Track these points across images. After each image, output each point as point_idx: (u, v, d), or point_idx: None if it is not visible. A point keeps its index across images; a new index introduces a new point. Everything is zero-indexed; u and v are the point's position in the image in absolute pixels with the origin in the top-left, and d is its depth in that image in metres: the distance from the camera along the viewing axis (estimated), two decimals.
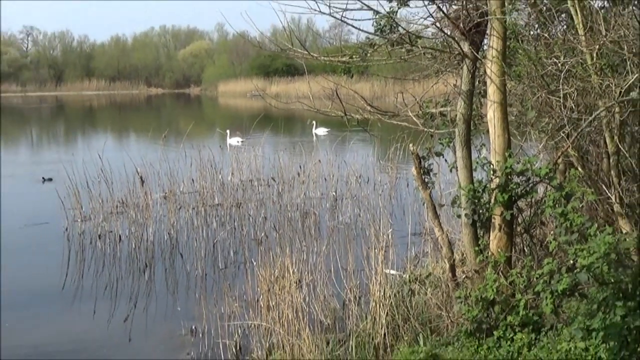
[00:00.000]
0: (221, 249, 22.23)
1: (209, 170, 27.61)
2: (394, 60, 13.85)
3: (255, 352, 13.42)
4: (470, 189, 11.80)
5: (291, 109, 49.55)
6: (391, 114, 13.91)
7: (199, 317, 15.75)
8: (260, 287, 15.07)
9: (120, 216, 24.93)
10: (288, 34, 14.89)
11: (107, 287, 19.36)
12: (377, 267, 13.85)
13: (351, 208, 25.48)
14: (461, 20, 11.78)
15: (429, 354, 11.16)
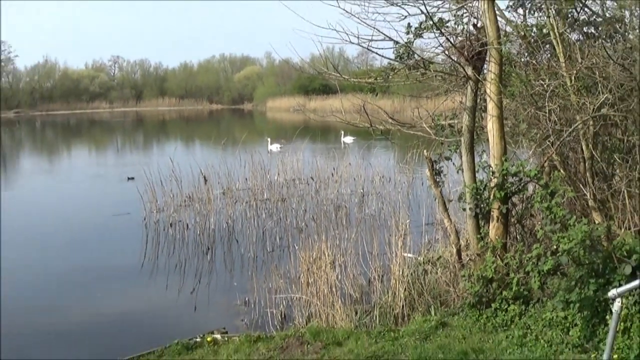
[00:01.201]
0: (269, 235, 22.19)
1: (259, 171, 27.64)
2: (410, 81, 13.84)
3: (297, 320, 13.39)
4: (474, 187, 11.77)
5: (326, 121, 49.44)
6: (409, 125, 13.89)
7: (251, 290, 15.74)
8: (300, 267, 15.02)
9: (187, 208, 25.01)
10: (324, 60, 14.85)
11: (177, 265, 19.39)
12: (397, 251, 13.78)
13: (375, 202, 25.41)
14: (465, 49, 11.73)
15: (438, 322, 11.11)
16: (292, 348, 10.79)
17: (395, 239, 14.32)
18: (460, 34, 12.15)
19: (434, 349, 9.94)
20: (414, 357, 9.75)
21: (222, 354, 10.93)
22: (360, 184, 27.93)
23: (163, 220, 24.14)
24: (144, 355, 11.32)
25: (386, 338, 10.76)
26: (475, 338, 10.28)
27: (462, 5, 12.25)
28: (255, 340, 11.40)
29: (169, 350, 11.40)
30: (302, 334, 11.33)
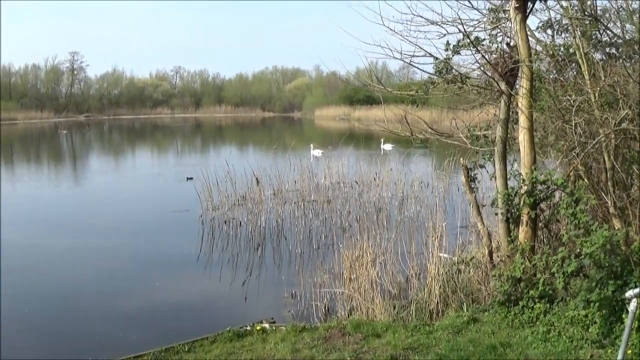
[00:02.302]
0: (315, 234, 22.23)
1: (307, 174, 27.69)
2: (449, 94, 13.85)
3: (339, 312, 13.45)
4: (505, 193, 11.78)
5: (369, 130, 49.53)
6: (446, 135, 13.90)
7: (297, 284, 15.79)
8: (344, 264, 15.08)
9: (240, 207, 25.15)
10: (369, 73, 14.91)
11: (229, 259, 19.52)
12: (433, 251, 13.79)
13: (414, 206, 25.34)
14: (499, 66, 11.75)
15: (470, 318, 11.12)
16: (335, 338, 10.85)
17: (431, 240, 14.33)
18: (494, 51, 12.15)
19: (465, 342, 9.96)
20: (446, 349, 9.77)
21: (270, 341, 11.02)
22: (400, 188, 27.87)
23: (218, 218, 24.30)
24: (198, 341, 11.42)
25: (421, 331, 10.79)
26: (504, 333, 10.29)
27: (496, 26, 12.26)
28: (301, 330, 11.47)
29: (221, 336, 11.51)
30: (344, 325, 11.39)
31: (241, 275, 17.87)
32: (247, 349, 10.77)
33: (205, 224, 23.86)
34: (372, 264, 14.33)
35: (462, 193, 23.31)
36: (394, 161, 31.51)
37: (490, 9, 12.44)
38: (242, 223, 23.64)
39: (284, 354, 10.28)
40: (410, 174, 29.36)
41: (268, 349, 10.65)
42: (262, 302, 15.48)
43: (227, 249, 20.84)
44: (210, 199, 25.43)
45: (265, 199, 25.74)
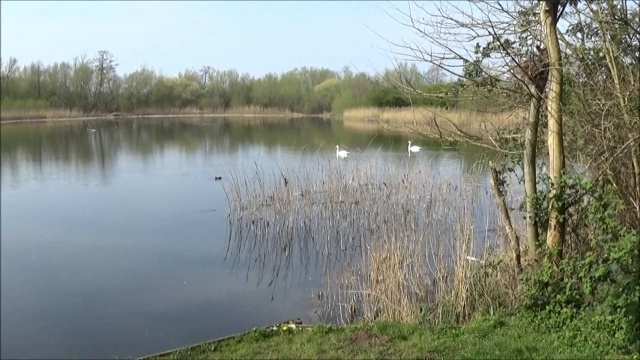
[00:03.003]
0: (342, 235, 22.26)
1: (335, 175, 27.74)
2: (478, 97, 13.85)
3: (366, 314, 13.48)
4: (534, 197, 11.78)
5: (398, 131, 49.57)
6: (476, 137, 13.90)
7: (324, 285, 15.88)
8: (371, 265, 15.12)
9: (268, 207, 25.27)
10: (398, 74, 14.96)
11: (257, 259, 19.60)
12: (461, 254, 13.75)
13: (442, 208, 25.30)
14: (529, 69, 11.74)
15: (497, 321, 11.13)
16: (361, 340, 10.91)
17: (459, 243, 14.31)
18: (524, 54, 12.16)
19: (492, 346, 9.99)
20: (472, 353, 9.80)
21: (296, 342, 11.09)
22: (429, 191, 27.88)
23: (246, 218, 24.45)
24: (225, 340, 11.51)
25: (448, 334, 10.83)
26: (530, 337, 10.30)
27: (526, 29, 12.26)
28: (327, 331, 11.54)
29: (247, 336, 11.59)
30: (371, 327, 11.45)
31: (268, 275, 17.94)
32: (273, 349, 10.84)
33: (233, 223, 24.01)
34: (400, 266, 14.35)
35: (490, 196, 23.25)
36: (423, 163, 31.47)
37: (520, 11, 12.44)
38: (269, 223, 23.76)
39: (309, 355, 10.34)
40: (438, 177, 29.31)
41: (294, 350, 10.71)
42: (289, 303, 15.52)
43: (255, 249, 20.93)
44: (239, 198, 25.57)
45: (293, 200, 25.83)
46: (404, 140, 45.59)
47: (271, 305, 15.38)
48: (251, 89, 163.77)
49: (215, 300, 15.83)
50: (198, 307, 15.30)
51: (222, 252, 20.38)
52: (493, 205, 20.63)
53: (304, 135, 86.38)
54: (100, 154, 63.45)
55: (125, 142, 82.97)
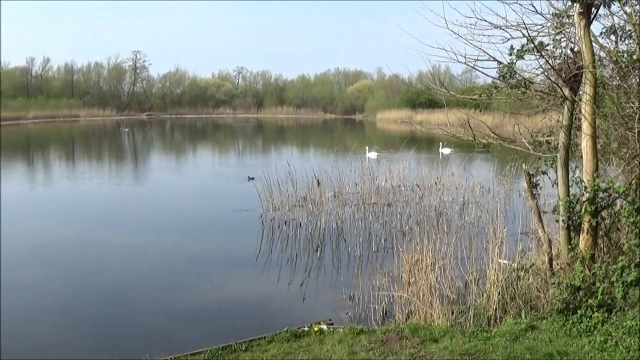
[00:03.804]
0: (375, 236, 22.28)
1: (368, 177, 27.78)
2: (512, 99, 13.85)
3: (397, 316, 13.52)
4: (567, 200, 11.76)
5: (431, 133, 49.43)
6: (509, 140, 13.88)
7: (356, 286, 15.93)
8: (403, 267, 15.16)
9: (301, 208, 25.39)
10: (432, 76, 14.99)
11: (288, 260, 19.73)
12: (493, 257, 13.78)
13: (475, 211, 25.27)
14: (563, 71, 11.73)
15: (528, 325, 11.12)
16: (392, 342, 10.95)
17: (492, 246, 14.33)
18: (558, 57, 12.14)
19: (523, 350, 9.99)
20: (503, 356, 9.80)
21: (327, 343, 11.16)
22: (461, 193, 27.84)
23: (278, 218, 24.60)
24: (256, 340, 11.59)
25: (479, 337, 10.83)
26: (561, 341, 10.28)
27: (560, 31, 12.24)
28: (358, 332, 11.59)
29: (278, 336, 11.68)
30: (402, 329, 11.48)
31: (300, 276, 18.04)
32: (304, 350, 10.91)
33: (265, 224, 24.16)
34: (432, 269, 14.38)
35: (523, 199, 23.17)
36: (455, 165, 31.41)
37: (554, 13, 12.39)
38: (302, 224, 23.91)
39: (340, 356, 10.40)
40: (471, 179, 29.26)
41: (325, 351, 10.77)
42: (320, 304, 15.61)
43: (287, 249, 21.07)
44: (271, 199, 25.72)
45: (326, 201, 25.92)
46: (437, 142, 45.51)
47: (302, 305, 15.49)
48: (284, 90, 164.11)
49: (247, 300, 15.94)
50: (229, 306, 15.45)
51: (254, 252, 20.52)
52: (526, 208, 20.57)
53: (336, 136, 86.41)
54: (133, 154, 63.92)
55: (158, 141, 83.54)
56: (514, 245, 15.95)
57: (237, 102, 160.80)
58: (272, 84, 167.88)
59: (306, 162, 30.97)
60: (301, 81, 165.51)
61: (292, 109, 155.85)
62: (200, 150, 68.16)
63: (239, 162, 51.86)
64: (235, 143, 78.55)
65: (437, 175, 28.83)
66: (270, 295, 16.48)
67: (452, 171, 29.57)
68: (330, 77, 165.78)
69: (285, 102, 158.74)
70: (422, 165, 31.93)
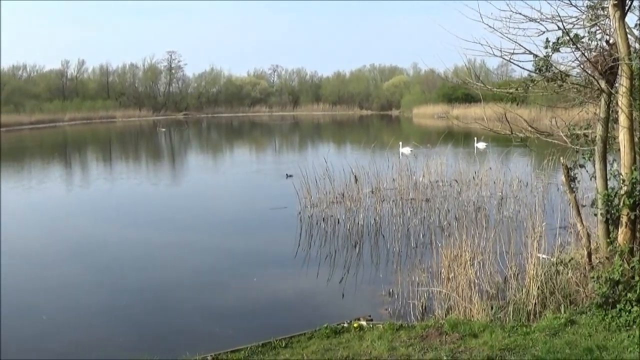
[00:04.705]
0: (413, 232, 22.31)
1: (405, 172, 27.76)
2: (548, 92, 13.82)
3: (437, 311, 13.49)
4: (605, 194, 11.74)
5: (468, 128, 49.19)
6: (546, 133, 13.87)
7: (395, 282, 15.93)
8: (442, 263, 15.20)
9: (338, 205, 25.45)
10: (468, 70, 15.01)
11: (327, 256, 19.82)
12: (532, 251, 13.74)
13: (513, 205, 25.14)
14: (599, 64, 11.71)
15: (567, 320, 11.13)
16: (432, 337, 11.01)
17: (530, 240, 14.28)
18: (594, 49, 12.11)
19: (562, 344, 10.01)
20: (543, 351, 9.82)
21: (367, 339, 11.24)
22: (499, 188, 27.73)
23: (316, 215, 24.71)
24: (295, 337, 11.70)
25: (518, 332, 10.87)
26: (600, 336, 10.29)
27: (595, 23, 12.20)
28: (398, 328, 11.68)
29: (318, 333, 11.79)
30: (441, 325, 11.55)
31: (338, 272, 18.09)
32: (344, 346, 11.00)
33: (304, 221, 24.30)
34: (471, 264, 14.39)
35: (561, 193, 23.05)
36: (493, 160, 31.28)
37: (588, 5, 12.36)
38: (340, 220, 23.96)
39: (380, 352, 10.47)
40: (509, 173, 29.12)
41: (365, 347, 10.85)
42: (359, 300, 15.67)
43: (325, 246, 21.16)
44: (309, 196, 25.86)
45: (364, 197, 25.96)
46: (474, 136, 45.36)
47: (342, 302, 15.57)
48: (320, 87, 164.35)
49: (286, 297, 16.08)
50: (268, 303, 15.58)
51: (293, 249, 20.66)
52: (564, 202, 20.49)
53: (373, 132, 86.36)
54: (171, 153, 64.36)
55: (195, 141, 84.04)
56: (553, 239, 15.89)
57: (273, 100, 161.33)
58: (307, 81, 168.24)
59: (343, 159, 31.08)
60: (336, 78, 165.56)
61: (328, 105, 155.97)
62: (237, 149, 68.44)
63: (276, 160, 52.09)
64: (272, 141, 78.85)
65: (475, 170, 28.74)
66: (310, 292, 16.61)
67: (490, 166, 29.45)
68: (366, 73, 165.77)
69: (321, 99, 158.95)
70: (460, 160, 31.86)
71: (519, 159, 35.53)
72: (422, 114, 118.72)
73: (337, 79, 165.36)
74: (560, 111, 15.09)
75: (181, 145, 75.67)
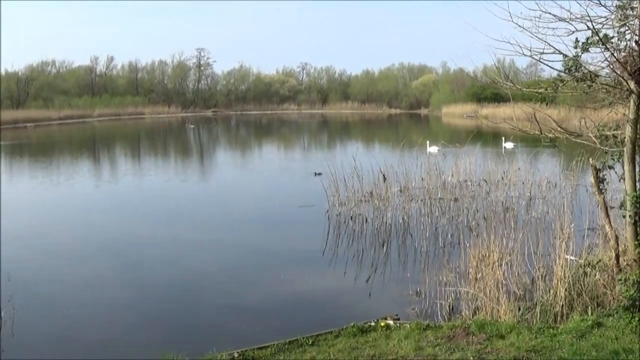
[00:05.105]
0: (441, 232, 22.31)
1: (434, 172, 27.74)
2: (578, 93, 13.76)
3: (464, 312, 13.55)
4: (634, 195, 11.69)
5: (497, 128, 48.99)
6: (576, 134, 13.78)
7: (422, 282, 16.00)
8: (470, 263, 15.20)
9: (367, 203, 25.50)
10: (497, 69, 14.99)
11: (354, 255, 19.86)
12: (560, 253, 13.71)
13: (541, 206, 25.07)
14: (629, 64, 11.64)
15: (594, 322, 11.11)
16: (458, 338, 11.04)
17: (559, 242, 14.24)
18: (623, 49, 12.06)
19: (589, 346, 10.00)
20: (569, 353, 9.82)
21: (394, 338, 11.29)
22: (528, 188, 27.63)
23: (344, 213, 24.79)
24: (322, 335, 11.77)
25: (545, 334, 10.86)
26: (627, 339, 10.26)
27: (624, 23, 12.12)
28: (425, 328, 11.71)
29: (345, 331, 11.85)
30: (468, 325, 11.57)
31: (366, 271, 18.15)
32: (371, 345, 11.05)
33: (332, 219, 24.39)
34: (498, 264, 14.38)
35: (590, 194, 22.99)
36: (522, 160, 31.16)
37: (617, 5, 12.31)
38: (368, 219, 24.02)
39: (407, 352, 10.51)
40: (538, 174, 28.99)
41: (391, 346, 10.90)
42: (386, 299, 15.71)
43: (353, 244, 21.21)
44: (337, 194, 25.90)
45: (392, 196, 25.96)
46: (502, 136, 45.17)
47: (369, 301, 15.61)
48: (349, 85, 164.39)
49: (313, 295, 16.19)
50: (295, 301, 15.72)
51: (320, 247, 20.75)
52: (593, 203, 20.36)
53: (402, 131, 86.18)
54: (199, 150, 64.68)
55: (223, 138, 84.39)
56: (581, 241, 15.83)
57: (302, 97, 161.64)
58: (336, 80, 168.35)
59: (372, 158, 31.03)
60: (365, 76, 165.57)
61: (356, 104, 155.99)
62: (266, 146, 68.74)
63: (305, 158, 52.16)
64: (300, 138, 78.97)
65: (504, 170, 28.65)
66: (337, 291, 16.67)
67: (519, 166, 29.34)
68: (395, 72, 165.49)
69: (350, 97, 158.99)
70: (489, 160, 31.75)
71: (548, 159, 35.39)
72: (451, 113, 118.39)
73: (366, 77, 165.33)
74: (589, 112, 15.03)
75: (210, 142, 76.01)
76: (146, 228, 24.34)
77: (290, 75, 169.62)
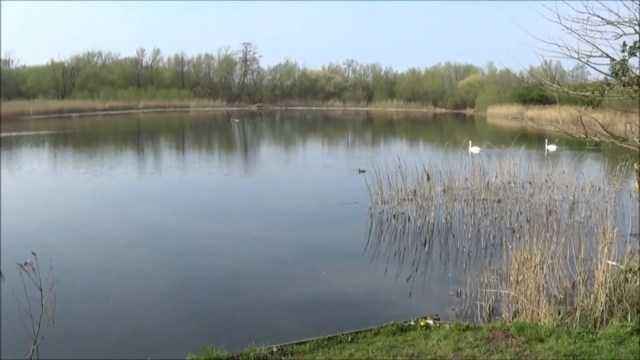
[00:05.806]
0: (484, 233, 22.26)
1: (478, 172, 27.64)
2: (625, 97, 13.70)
3: (504, 314, 13.53)
4: None
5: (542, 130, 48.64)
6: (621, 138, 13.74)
7: (463, 283, 16.03)
8: (511, 265, 15.12)
9: (410, 202, 25.44)
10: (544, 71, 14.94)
11: (396, 254, 19.90)
12: (602, 258, 13.66)
13: (584, 210, 24.90)
14: None
15: (634, 328, 11.07)
16: (498, 340, 11.06)
17: (600, 247, 14.18)
18: None
19: (627, 353, 9.98)
20: (608, 359, 9.82)
21: (433, 338, 11.34)
22: (572, 192, 27.44)
23: (387, 212, 24.85)
24: (362, 332, 11.85)
25: (584, 339, 10.84)
26: None
27: None
28: (464, 329, 11.74)
29: (384, 329, 11.92)
30: (508, 327, 11.58)
31: (407, 270, 18.18)
32: (410, 344, 11.10)
33: (374, 217, 24.45)
34: (540, 267, 14.33)
35: (633, 199, 22.81)
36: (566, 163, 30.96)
37: None
38: (410, 218, 24.03)
39: (445, 352, 10.57)
40: (581, 177, 28.77)
41: (430, 345, 10.95)
42: (427, 298, 15.75)
43: (394, 243, 21.25)
44: (380, 192, 25.95)
45: (435, 195, 25.88)
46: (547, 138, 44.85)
47: (409, 300, 15.67)
48: (394, 83, 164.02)
49: (353, 293, 16.21)
50: (335, 297, 15.78)
51: (362, 244, 20.81)
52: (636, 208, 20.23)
53: (446, 131, 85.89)
54: (243, 144, 64.97)
55: (268, 133, 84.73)
56: (623, 246, 15.76)
57: (347, 94, 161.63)
58: (382, 77, 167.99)
59: (416, 156, 31.07)
60: (411, 75, 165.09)
61: (402, 102, 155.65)
62: (310, 142, 68.85)
63: (349, 155, 52.19)
64: (344, 135, 79.02)
65: (548, 173, 28.48)
66: (377, 288, 16.73)
67: (563, 169, 29.14)
68: (441, 71, 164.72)
69: (395, 95, 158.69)
70: (533, 162, 31.58)
71: (592, 163, 35.09)
72: (496, 114, 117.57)
73: (411, 75, 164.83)
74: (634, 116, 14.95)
75: (254, 137, 76.32)
76: (187, 221, 24.57)
77: (336, 72, 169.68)
